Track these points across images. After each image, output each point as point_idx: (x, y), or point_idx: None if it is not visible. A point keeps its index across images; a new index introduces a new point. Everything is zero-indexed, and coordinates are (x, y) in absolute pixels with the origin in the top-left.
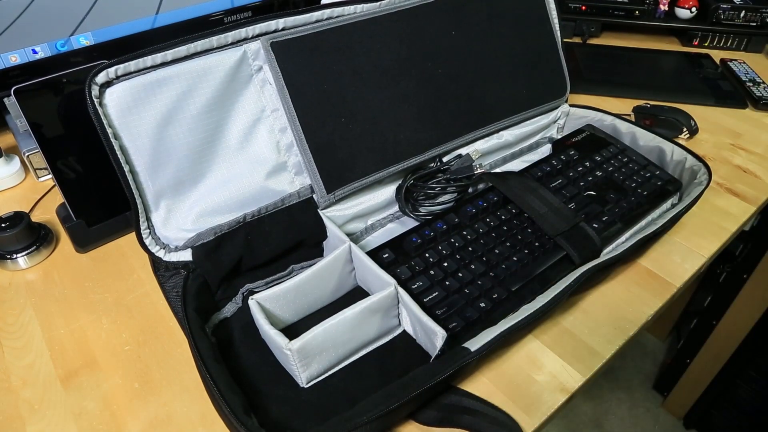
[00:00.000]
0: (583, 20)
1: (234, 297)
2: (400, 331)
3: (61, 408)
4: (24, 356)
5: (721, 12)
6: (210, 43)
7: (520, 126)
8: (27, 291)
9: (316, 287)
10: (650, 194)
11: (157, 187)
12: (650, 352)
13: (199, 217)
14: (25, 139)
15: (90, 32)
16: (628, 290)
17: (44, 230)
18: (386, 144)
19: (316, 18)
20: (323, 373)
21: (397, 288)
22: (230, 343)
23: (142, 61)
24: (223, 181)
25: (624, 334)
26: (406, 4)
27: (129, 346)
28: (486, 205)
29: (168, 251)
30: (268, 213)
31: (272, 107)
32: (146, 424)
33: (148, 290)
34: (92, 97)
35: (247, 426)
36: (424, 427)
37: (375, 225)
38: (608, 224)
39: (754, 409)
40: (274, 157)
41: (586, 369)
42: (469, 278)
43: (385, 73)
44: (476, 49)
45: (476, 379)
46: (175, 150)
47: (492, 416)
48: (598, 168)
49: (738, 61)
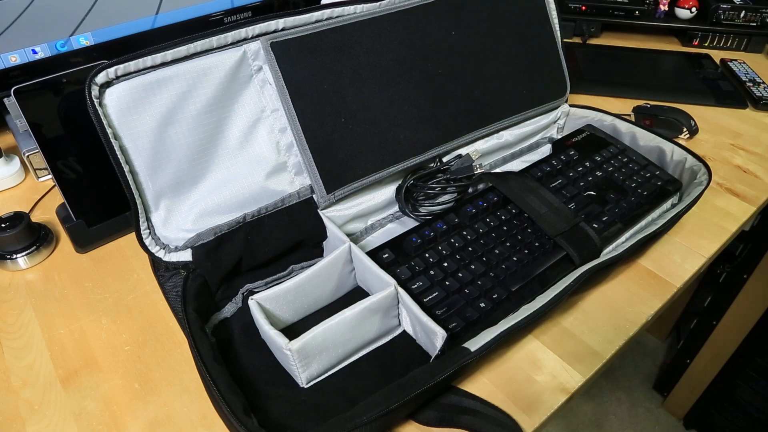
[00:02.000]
0: (583, 20)
1: (234, 297)
2: (400, 331)
3: (61, 408)
4: (24, 356)
5: (721, 12)
6: (210, 44)
7: (520, 126)
8: (27, 291)
9: (316, 287)
10: (650, 194)
11: (157, 188)
12: (650, 352)
13: (199, 218)
14: (25, 139)
15: (90, 32)
16: (628, 290)
17: (44, 230)
18: (386, 144)
19: (316, 18)
20: (323, 373)
21: (397, 288)
22: (230, 343)
23: (142, 61)
24: (223, 181)
25: (624, 334)
26: (406, 4)
27: (129, 346)
28: (486, 205)
29: (168, 251)
30: (268, 213)
31: (272, 107)
32: (146, 424)
33: (148, 290)
34: (92, 97)
35: (247, 426)
36: (424, 427)
37: (375, 225)
38: (608, 224)
39: (754, 409)
40: (274, 157)
41: (586, 369)
42: (469, 278)
43: (385, 73)
44: (476, 50)
45: (476, 379)
46: (175, 150)
47: (492, 416)
48: (598, 168)
49: (738, 61)
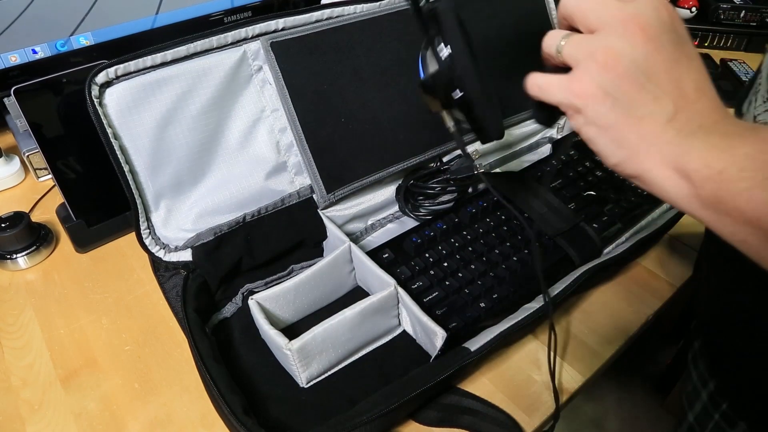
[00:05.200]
0: None
1: (234, 297)
2: (400, 331)
3: (61, 408)
4: (24, 356)
5: (721, 12)
6: (210, 43)
7: (520, 126)
8: (27, 291)
9: (316, 287)
10: (650, 194)
11: (157, 187)
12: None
13: (198, 217)
14: (25, 139)
15: (90, 32)
16: (628, 290)
17: (44, 230)
18: (386, 144)
19: (316, 18)
20: (323, 373)
21: (397, 288)
22: (230, 343)
23: (142, 61)
24: (223, 181)
25: (624, 334)
26: (406, 4)
27: (129, 346)
28: (486, 205)
29: (168, 251)
30: (268, 213)
31: (272, 107)
32: (146, 424)
33: (148, 290)
34: (92, 97)
35: (247, 426)
36: (424, 427)
37: (375, 225)
38: (608, 224)
39: None
40: (274, 157)
41: (586, 369)
42: (469, 278)
43: (385, 73)
44: (476, 49)
45: (476, 379)
46: (175, 150)
47: (492, 416)
48: (598, 168)
49: (738, 61)
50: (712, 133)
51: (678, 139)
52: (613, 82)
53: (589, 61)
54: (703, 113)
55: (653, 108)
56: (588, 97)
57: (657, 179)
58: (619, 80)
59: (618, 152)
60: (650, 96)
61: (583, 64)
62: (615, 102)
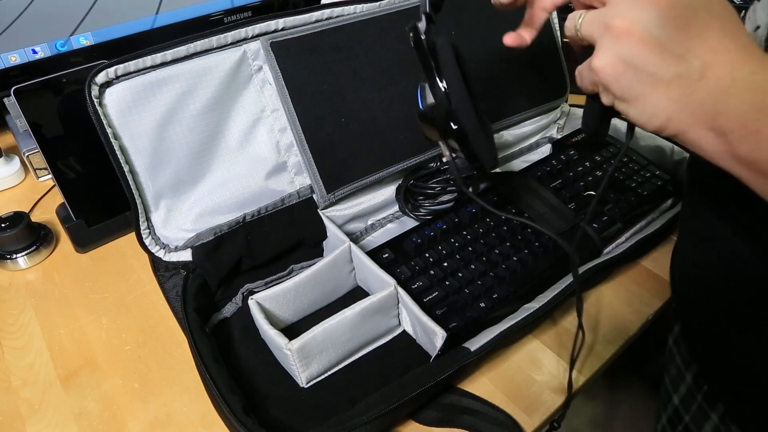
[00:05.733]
0: None
1: (234, 297)
2: (400, 331)
3: (61, 408)
4: (24, 356)
5: None
6: (210, 43)
7: (520, 126)
8: (27, 291)
9: (316, 287)
10: (650, 194)
11: (157, 187)
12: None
13: (198, 217)
14: (25, 139)
15: (90, 32)
16: (628, 290)
17: (44, 230)
18: (386, 144)
19: (315, 18)
20: (323, 373)
21: (397, 288)
22: (230, 343)
23: (142, 61)
24: (223, 181)
25: (624, 334)
26: (406, 4)
27: (129, 346)
28: None
29: (168, 251)
30: (268, 213)
31: (272, 107)
32: (146, 424)
33: (148, 290)
34: (92, 97)
35: (247, 426)
36: (424, 427)
37: (375, 225)
38: (608, 224)
39: None
40: (274, 157)
41: (586, 369)
42: (469, 278)
43: (385, 73)
44: (476, 50)
45: (476, 379)
46: (175, 150)
47: (492, 416)
48: (598, 168)
49: None
50: (747, 88)
51: (712, 98)
52: (632, 50)
53: (605, 35)
54: (734, 64)
55: (679, 68)
56: (610, 71)
57: (693, 138)
58: (638, 46)
59: (653, 121)
60: (673, 57)
61: (600, 40)
62: (637, 71)
